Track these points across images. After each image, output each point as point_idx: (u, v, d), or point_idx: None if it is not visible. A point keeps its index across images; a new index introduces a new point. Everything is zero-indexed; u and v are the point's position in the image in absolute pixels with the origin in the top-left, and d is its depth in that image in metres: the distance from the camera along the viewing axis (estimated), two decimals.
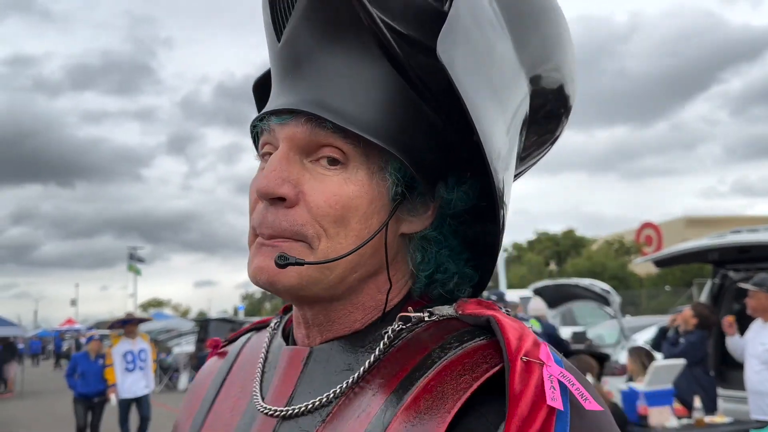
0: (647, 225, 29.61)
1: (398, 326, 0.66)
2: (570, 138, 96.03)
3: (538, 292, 9.96)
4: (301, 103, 0.63)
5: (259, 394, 0.72)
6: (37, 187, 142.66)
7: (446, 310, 0.68)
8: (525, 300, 10.25)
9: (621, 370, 8.12)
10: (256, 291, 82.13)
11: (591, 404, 0.56)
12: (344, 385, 0.65)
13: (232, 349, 0.87)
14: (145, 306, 67.08)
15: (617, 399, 5.64)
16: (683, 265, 14.03)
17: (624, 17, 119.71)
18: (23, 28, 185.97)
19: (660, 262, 8.33)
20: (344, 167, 0.65)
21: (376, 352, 0.65)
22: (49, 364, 35.91)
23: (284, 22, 0.66)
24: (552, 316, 10.00)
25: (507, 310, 0.67)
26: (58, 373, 28.36)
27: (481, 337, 0.62)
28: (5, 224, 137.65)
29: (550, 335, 7.46)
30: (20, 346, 21.42)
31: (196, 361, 17.89)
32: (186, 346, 20.28)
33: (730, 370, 6.90)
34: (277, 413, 0.67)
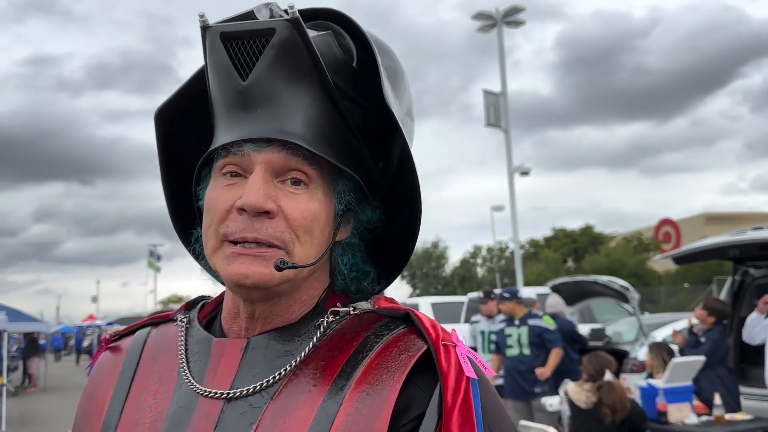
0: (666, 222, 29.40)
1: (330, 318, 0.82)
2: (588, 134, 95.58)
3: (555, 288, 9.94)
4: (276, 132, 0.76)
5: (191, 380, 0.80)
6: (59, 186, 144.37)
7: (366, 306, 0.84)
8: (542, 297, 10.25)
9: (639, 367, 8.12)
10: None
11: (489, 371, 0.78)
12: (288, 368, 0.77)
13: (125, 344, 0.93)
14: (165, 302, 67.58)
15: (636, 396, 5.67)
16: (703, 262, 13.94)
17: (643, 12, 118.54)
18: (45, 28, 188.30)
19: (679, 259, 8.31)
20: (306, 187, 0.79)
21: (314, 340, 0.79)
22: (71, 360, 36.37)
23: (245, 67, 0.77)
24: (570, 312, 10.00)
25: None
26: (80, 369, 28.74)
27: (402, 326, 0.79)
28: (28, 222, 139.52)
29: (569, 332, 7.45)
30: (42, 341, 21.69)
31: None
32: None
33: (749, 368, 6.90)
34: (222, 395, 0.77)
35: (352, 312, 0.83)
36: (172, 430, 0.77)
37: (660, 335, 9.86)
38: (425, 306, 11.96)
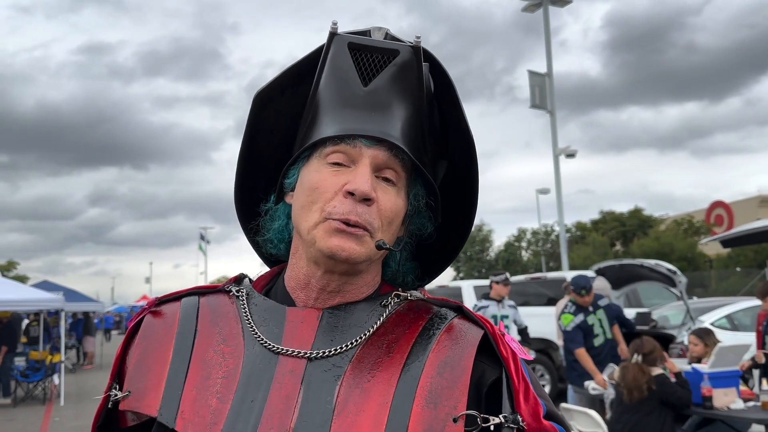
0: (718, 204, 28.59)
1: (395, 300, 0.94)
2: (637, 115, 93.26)
3: (601, 272, 9.82)
4: (387, 135, 0.89)
5: (266, 341, 0.88)
6: (114, 170, 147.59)
7: (419, 294, 0.97)
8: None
9: (686, 352, 8.02)
10: None
11: (526, 355, 0.91)
12: (363, 336, 0.88)
13: (172, 309, 0.98)
14: (215, 283, 68.96)
15: None
16: (753, 245, 13.57)
17: None
18: (99, 17, 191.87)
19: (727, 242, 8.16)
20: (395, 185, 0.92)
21: (384, 315, 0.91)
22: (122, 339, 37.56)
23: (365, 75, 0.91)
24: (616, 296, 9.90)
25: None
26: None
27: (456, 315, 0.92)
28: (84, 205, 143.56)
29: (617, 316, 7.31)
30: (96, 320, 22.44)
31: None
32: None
33: None
34: (304, 354, 0.86)
35: (409, 297, 0.95)
36: (252, 384, 0.85)
37: (709, 320, 9.70)
38: (468, 289, 11.96)
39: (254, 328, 0.91)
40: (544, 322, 9.76)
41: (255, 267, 1.02)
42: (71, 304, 16.48)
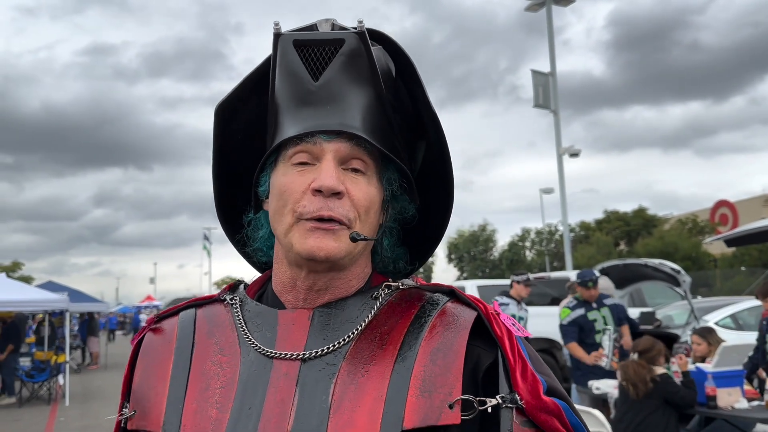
0: (722, 203, 28.54)
1: (385, 291, 0.94)
2: (642, 114, 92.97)
3: (605, 271, 9.78)
4: (345, 126, 0.88)
5: (260, 347, 0.88)
6: (118, 171, 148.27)
7: (410, 282, 0.96)
8: None
9: (690, 351, 8.00)
10: None
11: (524, 332, 0.90)
12: (355, 331, 0.88)
13: (170, 324, 1.00)
14: (219, 284, 69.10)
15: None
16: (757, 244, 13.54)
17: None
18: (103, 18, 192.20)
19: (732, 241, 8.14)
20: (364, 174, 0.90)
21: (375, 308, 0.91)
22: (129, 339, 37.57)
23: (314, 70, 0.89)
24: (620, 296, 9.87)
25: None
26: None
27: (448, 299, 0.92)
28: (89, 206, 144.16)
29: (626, 317, 7.28)
30: (101, 321, 22.46)
31: None
32: None
33: None
34: (298, 356, 0.86)
35: (401, 287, 0.95)
36: (248, 391, 0.85)
37: (713, 319, 9.67)
38: (471, 288, 11.95)
39: (248, 334, 0.91)
40: (548, 321, 9.74)
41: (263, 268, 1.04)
42: (76, 305, 16.51)
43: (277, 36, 0.90)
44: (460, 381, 0.81)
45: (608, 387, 6.19)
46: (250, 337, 0.91)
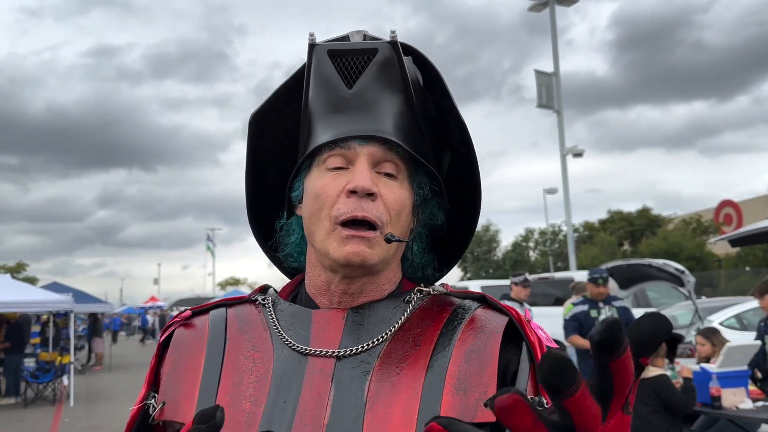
0: (727, 203, 28.40)
1: (417, 295, 0.95)
2: (645, 114, 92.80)
3: (609, 272, 9.80)
4: (377, 131, 0.92)
5: (295, 344, 0.90)
6: (122, 172, 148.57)
7: (441, 288, 0.98)
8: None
9: (695, 352, 7.98)
10: None
11: (552, 343, 0.89)
12: (388, 332, 0.90)
13: (201, 321, 1.01)
14: (223, 284, 69.26)
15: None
16: (762, 244, 13.50)
17: None
18: (106, 19, 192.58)
19: (736, 241, 8.12)
20: (396, 178, 0.93)
21: (408, 311, 0.93)
22: (133, 340, 37.67)
23: (348, 78, 0.93)
24: (624, 296, 9.85)
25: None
26: (145, 348, 29.76)
27: (479, 305, 0.94)
28: (93, 207, 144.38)
29: (627, 319, 7.26)
30: (105, 322, 22.49)
31: None
32: None
33: None
34: (332, 354, 0.88)
35: (432, 292, 0.97)
36: (283, 386, 0.86)
37: (718, 319, 9.65)
38: (475, 289, 11.95)
39: (282, 333, 0.93)
40: (552, 322, 9.73)
41: (263, 268, 1.05)
42: (80, 306, 16.55)
43: (312, 46, 0.94)
44: (495, 381, 0.83)
45: None
46: (284, 335, 0.92)
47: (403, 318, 0.92)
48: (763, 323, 6.17)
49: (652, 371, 5.03)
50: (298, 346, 0.90)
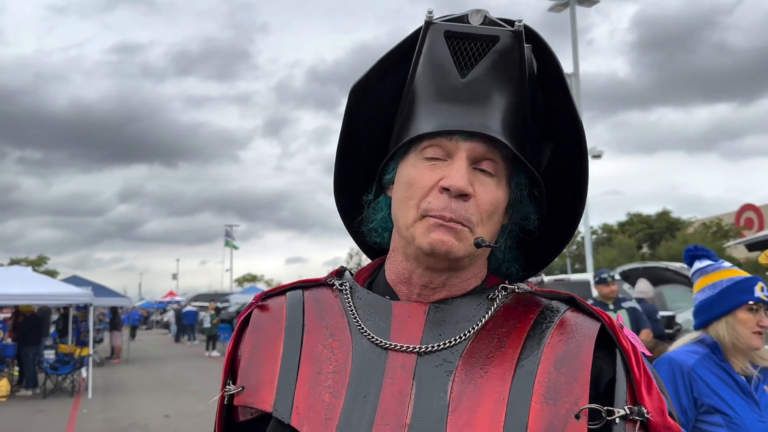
0: (748, 207, 28.07)
1: (502, 293, 0.91)
2: (667, 116, 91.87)
3: (625, 275, 9.78)
4: (485, 129, 0.86)
5: (374, 336, 0.88)
6: (144, 168, 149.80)
7: (526, 287, 0.94)
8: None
9: None
10: None
11: (645, 350, 0.86)
12: (471, 330, 0.87)
13: (276, 303, 0.99)
14: (240, 281, 69.62)
15: None
16: None
17: None
18: (131, 17, 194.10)
19: (753, 245, 8.03)
20: (493, 176, 0.88)
21: (492, 310, 0.89)
22: (150, 334, 37.95)
23: (462, 65, 0.88)
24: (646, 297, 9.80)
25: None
26: (162, 342, 29.97)
27: (568, 307, 0.89)
28: (114, 202, 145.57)
29: (638, 320, 7.23)
30: (124, 316, 22.68)
31: None
32: None
33: None
34: (414, 349, 0.85)
35: (517, 290, 0.92)
36: (363, 379, 0.84)
37: None
38: None
39: (360, 322, 0.91)
40: None
41: (280, 266, 1.06)
42: (100, 299, 16.75)
43: (428, 24, 0.88)
44: (587, 392, 0.79)
45: None
46: (362, 325, 0.90)
47: (487, 316, 0.88)
48: None
49: None
50: (378, 339, 0.87)
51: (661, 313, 10.74)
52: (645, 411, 0.78)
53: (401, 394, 0.82)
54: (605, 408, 0.78)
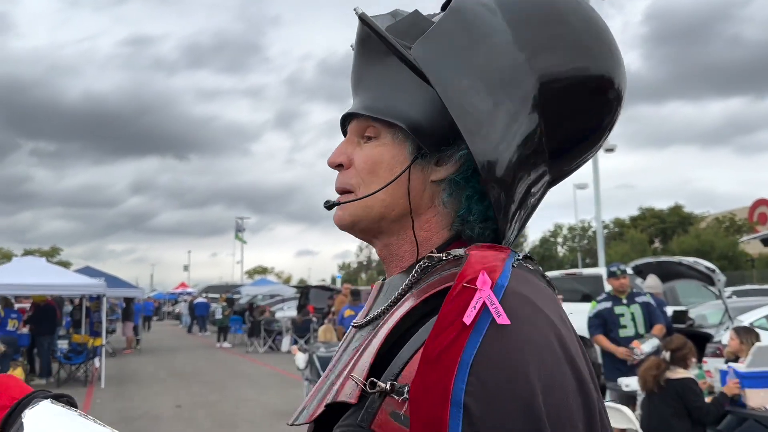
0: (761, 202, 27.81)
1: (425, 262, 0.83)
2: (680, 110, 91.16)
3: (637, 269, 9.71)
4: (357, 108, 0.92)
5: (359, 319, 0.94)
6: (156, 160, 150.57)
7: (459, 252, 0.81)
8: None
9: (723, 351, 7.88)
10: (353, 261, 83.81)
11: (502, 319, 0.67)
12: (388, 303, 0.85)
13: None
14: (251, 273, 69.95)
15: (716, 379, 5.55)
16: None
17: None
18: (143, 10, 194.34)
19: (767, 241, 7.99)
20: (376, 139, 0.90)
21: (408, 282, 0.83)
22: (162, 325, 38.20)
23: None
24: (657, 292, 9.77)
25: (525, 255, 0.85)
26: (175, 332, 30.18)
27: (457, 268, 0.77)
28: (126, 194, 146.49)
29: (651, 315, 7.20)
30: (137, 305, 22.78)
31: (301, 323, 18.68)
32: (288, 311, 21.11)
33: None
34: (354, 325, 0.93)
35: (444, 257, 0.82)
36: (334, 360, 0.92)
37: (748, 319, 9.51)
38: None
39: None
40: (579, 318, 9.69)
41: (289, 257, 1.06)
42: (112, 290, 16.87)
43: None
44: (370, 361, 0.74)
45: (638, 384, 6.15)
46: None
47: (401, 289, 0.84)
48: None
49: (679, 372, 4.98)
50: (359, 320, 0.94)
51: (674, 308, 10.71)
52: (405, 390, 0.68)
53: (335, 366, 0.88)
54: (369, 381, 0.71)
